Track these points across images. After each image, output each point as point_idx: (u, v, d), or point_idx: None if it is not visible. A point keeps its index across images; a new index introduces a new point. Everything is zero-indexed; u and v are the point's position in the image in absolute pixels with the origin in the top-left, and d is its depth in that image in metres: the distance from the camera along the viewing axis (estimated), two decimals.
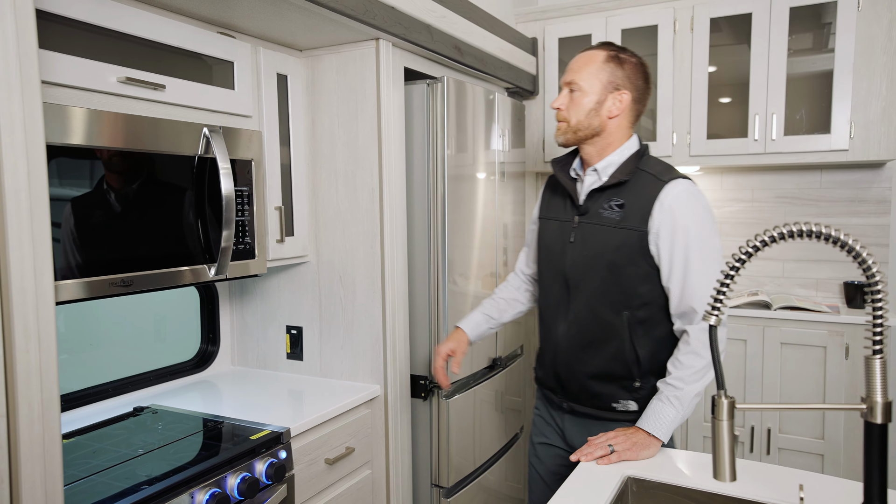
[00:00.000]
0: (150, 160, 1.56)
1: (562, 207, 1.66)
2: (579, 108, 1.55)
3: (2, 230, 0.98)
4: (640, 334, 1.54)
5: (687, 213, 1.47)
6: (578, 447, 1.62)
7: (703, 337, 1.47)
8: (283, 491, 1.65)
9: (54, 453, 1.05)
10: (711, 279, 1.44)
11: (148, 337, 2.47)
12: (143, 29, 1.58)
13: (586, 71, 1.55)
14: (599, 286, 1.54)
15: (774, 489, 1.28)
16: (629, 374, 1.55)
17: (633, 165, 1.54)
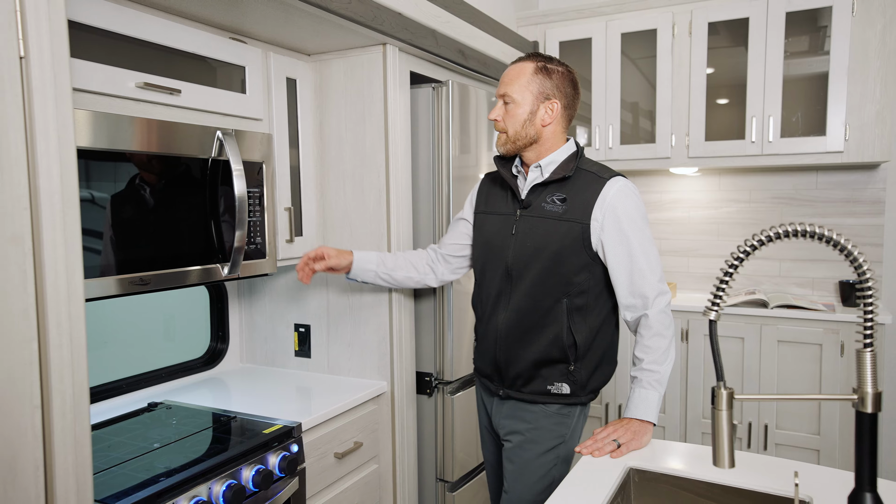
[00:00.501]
0: (167, 162, 1.61)
1: (502, 202, 1.74)
2: (515, 119, 1.65)
3: (37, 231, 1.02)
4: (576, 320, 1.64)
5: (627, 207, 1.59)
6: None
7: (663, 318, 1.60)
8: (295, 483, 1.70)
9: (84, 443, 1.10)
10: (655, 267, 1.60)
11: (157, 335, 2.52)
12: (160, 35, 1.63)
13: (517, 83, 1.64)
14: (541, 275, 1.63)
15: (770, 478, 1.33)
16: (566, 358, 1.65)
17: (573, 163, 1.65)
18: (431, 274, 1.94)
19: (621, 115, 3.12)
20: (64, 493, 1.07)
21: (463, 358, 2.31)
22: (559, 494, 1.32)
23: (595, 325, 1.66)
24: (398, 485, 2.16)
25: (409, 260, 1.95)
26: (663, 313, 1.61)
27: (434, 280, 1.95)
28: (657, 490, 1.43)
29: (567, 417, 1.68)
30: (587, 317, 1.65)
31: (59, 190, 1.05)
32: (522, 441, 1.70)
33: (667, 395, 2.96)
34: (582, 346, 1.64)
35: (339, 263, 1.91)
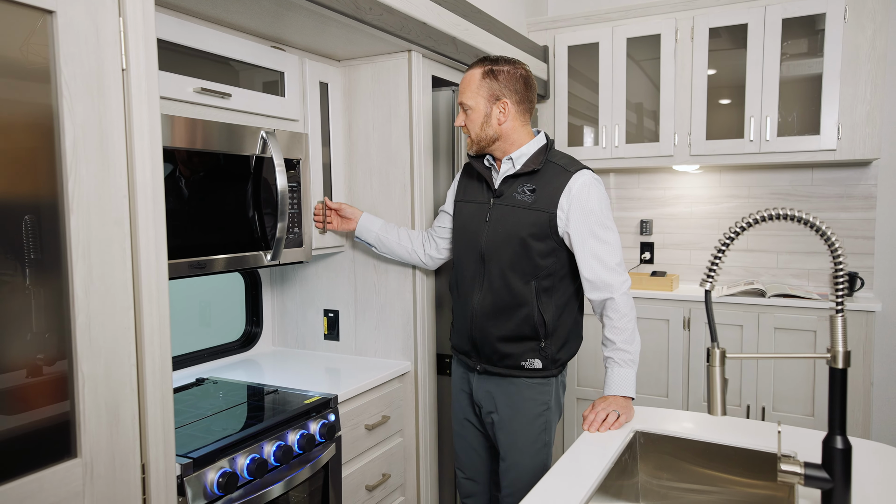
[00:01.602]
0: (219, 159, 1.79)
1: (478, 192, 1.92)
2: (473, 123, 1.84)
3: (134, 215, 1.21)
4: (544, 301, 1.81)
5: (592, 198, 1.76)
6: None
7: (627, 300, 1.77)
8: (332, 449, 1.89)
9: (168, 399, 1.28)
10: (615, 253, 1.77)
11: (194, 321, 2.71)
12: (214, 45, 1.81)
13: (469, 91, 1.83)
14: (511, 259, 1.81)
15: (761, 438, 1.51)
16: (536, 335, 1.82)
17: (543, 157, 1.82)
18: (421, 248, 2.15)
19: (627, 116, 3.30)
20: (154, 439, 1.25)
21: None
22: (573, 452, 1.50)
23: (561, 304, 1.84)
24: (420, 457, 2.34)
25: (407, 233, 2.17)
26: (626, 296, 1.78)
27: (422, 254, 2.15)
28: (660, 450, 1.61)
29: (547, 386, 1.86)
30: (554, 297, 1.83)
31: (150, 181, 1.23)
32: (511, 413, 1.87)
33: (669, 381, 3.13)
34: (550, 324, 1.82)
35: (349, 216, 2.19)
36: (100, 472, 1.15)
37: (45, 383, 1.10)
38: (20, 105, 1.06)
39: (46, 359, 1.11)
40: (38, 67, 1.07)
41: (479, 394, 1.93)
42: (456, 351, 2.01)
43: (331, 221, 2.22)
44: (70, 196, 1.10)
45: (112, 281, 1.17)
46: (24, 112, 1.06)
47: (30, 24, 1.05)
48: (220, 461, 1.52)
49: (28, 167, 1.08)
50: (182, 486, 1.42)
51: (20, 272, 1.07)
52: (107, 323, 1.16)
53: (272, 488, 1.64)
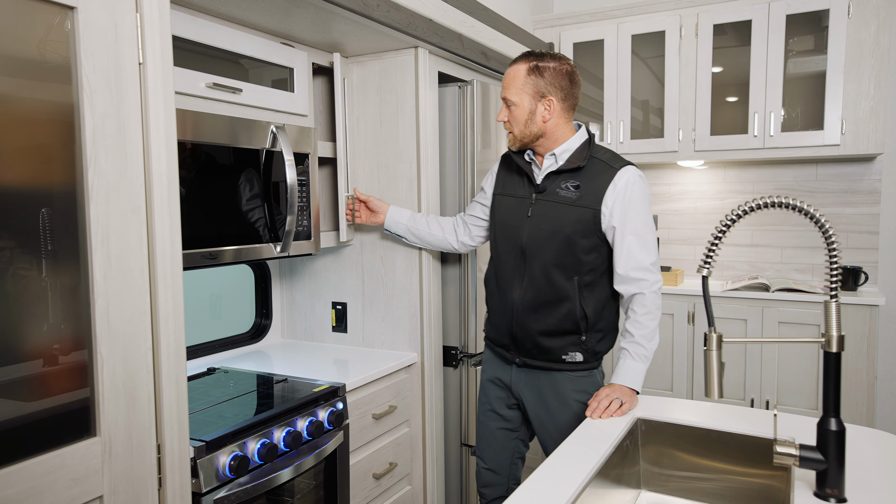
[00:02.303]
0: (231, 153, 1.83)
1: (519, 186, 1.90)
2: (517, 120, 1.80)
3: (150, 204, 1.25)
4: (585, 295, 1.82)
5: (636, 195, 1.76)
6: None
7: (656, 300, 1.77)
8: (340, 436, 1.93)
9: (182, 382, 1.33)
10: (652, 251, 1.77)
11: (205, 313, 2.76)
12: (225, 41, 1.86)
13: (514, 87, 1.80)
14: (555, 255, 1.81)
15: (759, 425, 1.54)
16: (577, 329, 1.83)
17: (586, 153, 1.81)
18: (453, 234, 2.17)
19: (632, 112, 3.32)
20: (169, 420, 1.30)
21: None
22: (577, 436, 1.53)
23: (602, 298, 1.85)
24: (427, 447, 2.38)
25: (437, 220, 2.19)
26: (656, 295, 1.78)
27: (454, 240, 2.17)
28: (661, 436, 1.64)
29: (590, 378, 1.87)
30: (595, 291, 1.83)
31: (165, 172, 1.28)
32: (557, 405, 1.87)
33: (674, 374, 3.16)
34: (591, 318, 1.82)
35: (375, 209, 2.23)
36: (117, 450, 1.20)
37: (66, 365, 1.15)
38: (42, 98, 1.10)
39: (66, 343, 1.16)
40: (60, 62, 1.11)
41: (519, 386, 1.93)
42: (493, 343, 2.00)
43: (360, 215, 2.27)
44: (90, 185, 1.14)
45: (129, 267, 1.21)
46: (46, 105, 1.11)
47: (52, 20, 1.10)
48: (232, 445, 1.57)
49: (49, 159, 1.12)
50: (195, 467, 1.46)
51: (36, 265, 1.11)
52: (124, 307, 1.20)
53: (281, 473, 1.69)
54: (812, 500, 1.18)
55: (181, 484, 1.34)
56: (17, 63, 1.07)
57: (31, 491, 1.07)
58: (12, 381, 1.10)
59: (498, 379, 1.99)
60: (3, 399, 1.09)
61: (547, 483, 1.26)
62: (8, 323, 1.08)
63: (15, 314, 1.09)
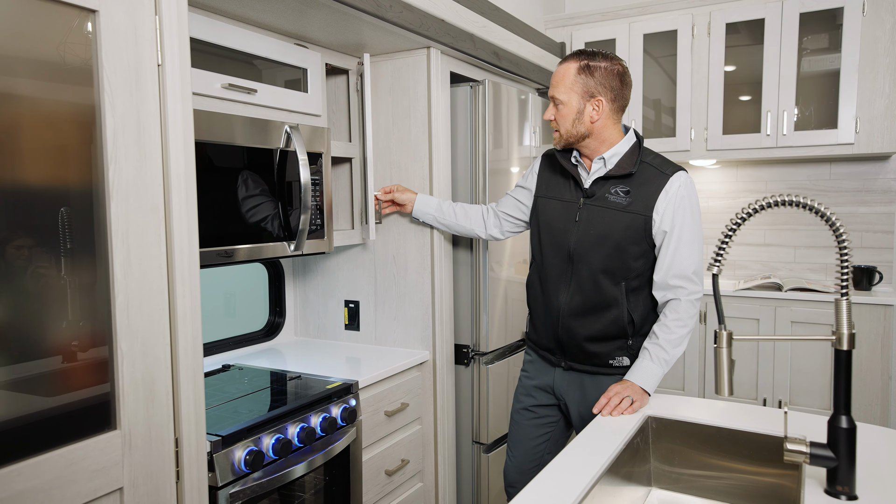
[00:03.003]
0: (245, 152, 1.86)
1: (564, 189, 1.88)
2: (564, 119, 1.77)
3: (168, 203, 1.28)
4: (632, 301, 1.81)
5: (686, 202, 1.75)
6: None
7: (690, 309, 1.75)
8: (353, 433, 1.95)
9: (199, 377, 1.36)
10: (696, 260, 1.75)
11: (219, 311, 2.79)
12: (241, 43, 1.89)
13: (563, 85, 1.77)
14: (604, 261, 1.79)
15: (769, 423, 1.54)
16: (624, 334, 1.82)
17: (636, 157, 1.78)
18: (482, 225, 2.17)
19: (643, 111, 3.32)
20: (186, 414, 1.32)
21: (496, 332, 2.55)
22: (588, 433, 1.54)
23: (648, 303, 1.83)
24: (439, 444, 2.40)
25: (465, 210, 2.21)
26: (692, 305, 1.76)
27: (483, 230, 2.17)
28: (671, 434, 1.65)
29: None
30: (641, 296, 1.82)
31: (183, 171, 1.30)
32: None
33: (686, 374, 3.16)
34: (638, 322, 1.81)
35: (403, 199, 2.27)
36: (137, 443, 1.23)
37: (88, 359, 1.18)
38: (64, 100, 1.13)
39: (86, 339, 1.19)
40: (81, 63, 1.14)
41: (562, 387, 1.92)
42: (536, 347, 1.98)
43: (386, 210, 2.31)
44: (111, 184, 1.17)
45: (148, 264, 1.24)
46: (68, 106, 1.14)
47: (73, 23, 1.13)
48: (247, 440, 1.59)
49: (69, 159, 1.15)
50: (212, 461, 1.49)
51: (56, 264, 1.14)
52: (143, 304, 1.23)
53: (295, 468, 1.71)
54: (823, 497, 1.18)
55: (198, 477, 1.37)
56: (40, 65, 1.10)
57: (55, 482, 1.10)
58: (34, 376, 1.13)
59: (540, 381, 1.98)
60: (25, 394, 1.12)
61: (557, 479, 1.27)
62: (29, 320, 1.11)
63: (35, 312, 1.12)
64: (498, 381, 2.56)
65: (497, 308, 2.55)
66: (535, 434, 2.01)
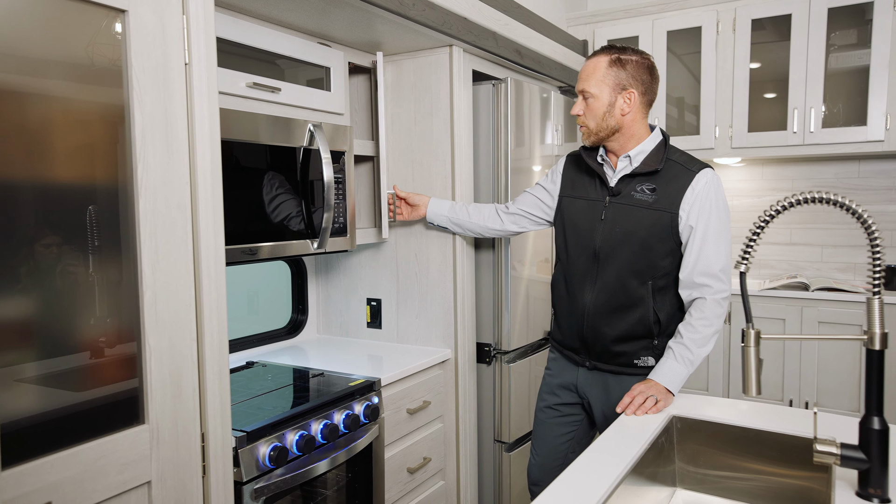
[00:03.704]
0: (269, 151, 1.88)
1: (590, 188, 1.87)
2: (594, 113, 1.76)
3: (195, 200, 1.30)
4: (658, 300, 1.79)
5: (713, 199, 1.72)
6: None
7: (716, 309, 1.72)
8: (376, 430, 1.96)
9: (225, 373, 1.37)
10: (723, 258, 1.72)
11: (242, 309, 2.82)
12: (265, 42, 1.90)
13: (594, 78, 1.76)
14: (630, 259, 1.77)
15: (797, 424, 1.52)
16: (650, 333, 1.80)
17: (662, 154, 1.77)
18: (496, 221, 2.16)
19: (667, 110, 3.29)
20: (212, 409, 1.34)
21: (517, 331, 2.54)
22: (611, 432, 1.53)
23: (675, 302, 1.81)
24: (460, 442, 2.40)
25: (477, 209, 2.21)
26: (718, 304, 1.73)
27: (498, 224, 2.16)
28: (696, 435, 1.63)
29: None
30: (668, 296, 1.80)
31: (209, 169, 1.32)
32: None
33: (710, 374, 3.12)
34: (664, 322, 1.79)
35: (415, 203, 2.29)
36: (164, 437, 1.24)
37: (117, 354, 1.20)
38: (93, 99, 1.15)
39: (113, 335, 1.20)
40: (110, 63, 1.16)
41: (586, 385, 1.91)
42: (560, 346, 1.97)
43: (401, 212, 2.31)
44: (139, 181, 1.19)
45: (175, 261, 1.25)
46: (97, 105, 1.16)
47: (103, 23, 1.15)
48: (272, 436, 1.60)
49: (97, 157, 1.17)
50: (237, 457, 1.50)
51: (84, 261, 1.16)
52: (170, 300, 1.25)
53: (319, 464, 1.72)
54: (854, 500, 1.16)
55: (224, 472, 1.38)
56: (71, 65, 1.12)
57: (85, 474, 1.12)
58: (64, 371, 1.15)
59: (563, 379, 1.97)
60: (55, 388, 1.14)
61: (581, 478, 1.26)
62: (58, 316, 1.13)
63: (65, 307, 1.14)
64: (520, 379, 2.55)
65: (519, 306, 2.54)
66: (559, 433, 2.00)
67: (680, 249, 1.77)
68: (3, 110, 1.04)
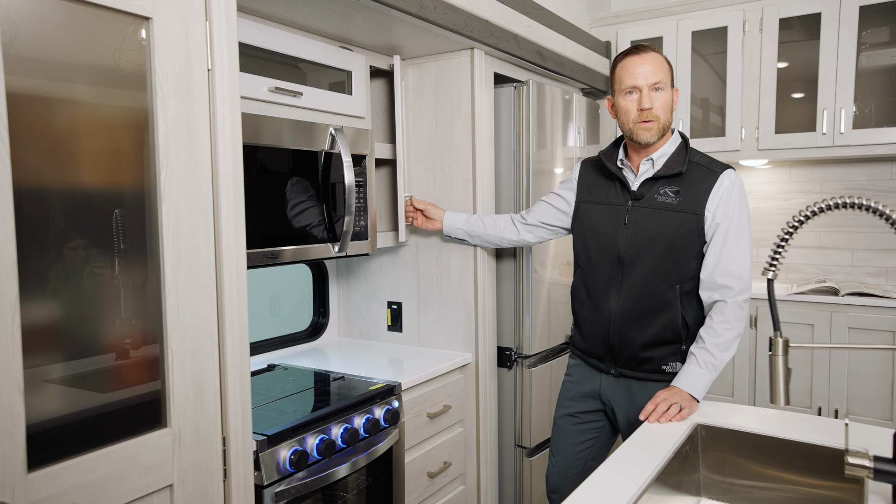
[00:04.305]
0: (290, 155, 1.88)
1: (610, 193, 1.85)
2: (666, 106, 1.73)
3: (217, 205, 1.30)
4: (685, 304, 1.76)
5: (737, 199, 1.71)
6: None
7: (738, 311, 1.69)
8: (396, 434, 1.95)
9: (246, 377, 1.38)
10: (744, 260, 1.70)
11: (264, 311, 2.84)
12: (286, 46, 1.91)
13: (663, 72, 1.74)
14: (656, 263, 1.75)
15: (826, 434, 1.48)
16: (678, 338, 1.77)
17: (683, 156, 1.75)
18: (513, 231, 2.15)
19: (692, 111, 3.24)
20: (234, 413, 1.34)
21: (539, 335, 2.52)
22: (635, 440, 1.51)
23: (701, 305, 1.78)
24: (481, 447, 2.39)
25: (493, 220, 2.20)
26: (740, 307, 1.70)
27: (515, 235, 2.15)
28: (722, 443, 1.59)
29: None
30: (695, 299, 1.77)
31: (231, 174, 1.32)
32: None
33: (735, 380, 3.06)
34: (693, 326, 1.77)
35: (432, 217, 2.29)
36: (186, 441, 1.25)
37: (140, 357, 1.21)
38: (118, 104, 1.16)
39: (138, 338, 1.21)
40: (134, 69, 1.17)
41: (609, 391, 1.88)
42: (583, 354, 1.94)
43: (416, 220, 2.32)
44: (162, 186, 1.20)
45: (197, 265, 1.26)
46: (122, 111, 1.17)
47: (128, 30, 1.16)
48: (292, 440, 1.61)
49: (122, 162, 1.18)
50: (257, 460, 1.51)
51: (110, 263, 1.17)
52: (192, 304, 1.26)
53: (339, 468, 1.72)
54: None
55: (245, 476, 1.38)
56: (97, 71, 1.13)
57: (109, 477, 1.13)
58: (89, 372, 1.16)
59: (585, 386, 1.94)
60: (81, 390, 1.15)
61: (604, 487, 1.24)
62: (85, 318, 1.15)
63: (91, 310, 1.15)
64: (541, 384, 2.53)
65: (540, 310, 2.52)
66: (579, 440, 1.98)
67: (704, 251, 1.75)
68: (35, 116, 1.05)
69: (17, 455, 1.00)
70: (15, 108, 1.00)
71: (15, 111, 1.00)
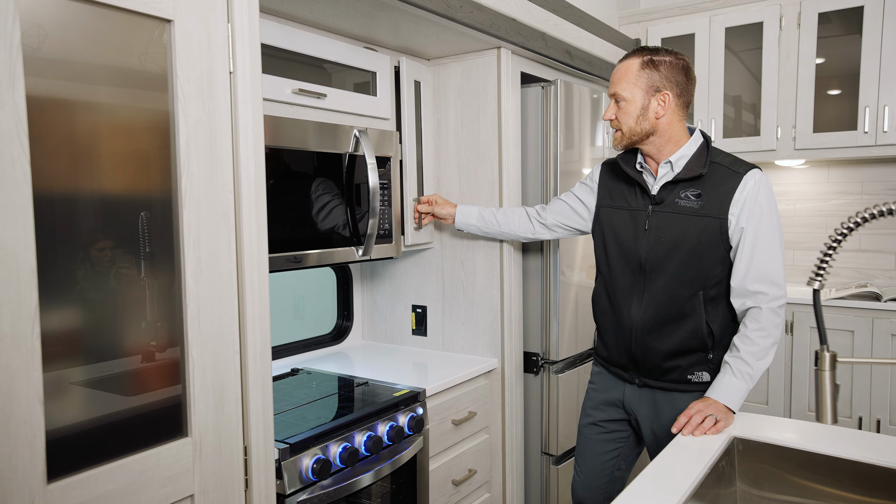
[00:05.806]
0: (314, 157, 1.86)
1: (631, 197, 1.78)
2: (627, 116, 1.68)
3: (238, 210, 1.28)
4: (710, 311, 1.69)
5: (763, 201, 1.62)
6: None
7: (773, 318, 1.61)
8: (420, 442, 1.92)
9: (268, 385, 1.35)
10: (777, 264, 1.62)
11: (289, 314, 2.83)
12: (311, 48, 1.89)
13: (626, 81, 1.68)
14: (678, 269, 1.68)
15: (874, 451, 1.40)
16: (704, 347, 1.70)
17: (705, 158, 1.67)
18: (528, 226, 2.10)
19: (724, 110, 3.15)
20: (255, 422, 1.32)
21: (566, 340, 2.46)
22: (668, 454, 1.45)
23: (728, 313, 1.71)
24: (507, 454, 2.34)
25: (506, 215, 2.15)
26: (775, 313, 1.62)
27: (530, 231, 2.10)
28: (759, 458, 1.52)
29: None
30: (720, 306, 1.70)
31: (253, 178, 1.30)
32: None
33: (770, 387, 2.97)
34: (718, 333, 1.70)
35: (442, 212, 2.23)
36: (207, 451, 1.23)
37: (159, 367, 1.19)
38: (142, 107, 1.15)
39: (160, 345, 1.20)
40: (157, 72, 1.15)
41: (633, 401, 1.83)
42: (606, 363, 1.89)
43: (424, 219, 2.29)
44: (183, 191, 1.17)
45: (219, 271, 1.24)
46: (145, 114, 1.15)
47: (151, 33, 1.14)
48: (315, 448, 1.58)
49: (147, 164, 1.17)
50: (279, 469, 1.48)
51: (136, 265, 1.15)
52: (214, 311, 1.23)
53: (362, 477, 1.69)
54: None
55: (266, 485, 1.36)
56: (118, 75, 1.12)
57: (129, 487, 1.11)
58: (114, 375, 1.15)
59: (609, 395, 1.89)
60: (107, 392, 1.14)
61: (640, 502, 1.19)
62: (111, 319, 1.13)
63: (117, 311, 1.14)
64: (568, 390, 2.47)
65: (568, 315, 2.46)
66: (605, 449, 1.92)
67: (730, 256, 1.67)
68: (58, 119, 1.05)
69: (36, 466, 0.98)
70: (44, 112, 1.01)
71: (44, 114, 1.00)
